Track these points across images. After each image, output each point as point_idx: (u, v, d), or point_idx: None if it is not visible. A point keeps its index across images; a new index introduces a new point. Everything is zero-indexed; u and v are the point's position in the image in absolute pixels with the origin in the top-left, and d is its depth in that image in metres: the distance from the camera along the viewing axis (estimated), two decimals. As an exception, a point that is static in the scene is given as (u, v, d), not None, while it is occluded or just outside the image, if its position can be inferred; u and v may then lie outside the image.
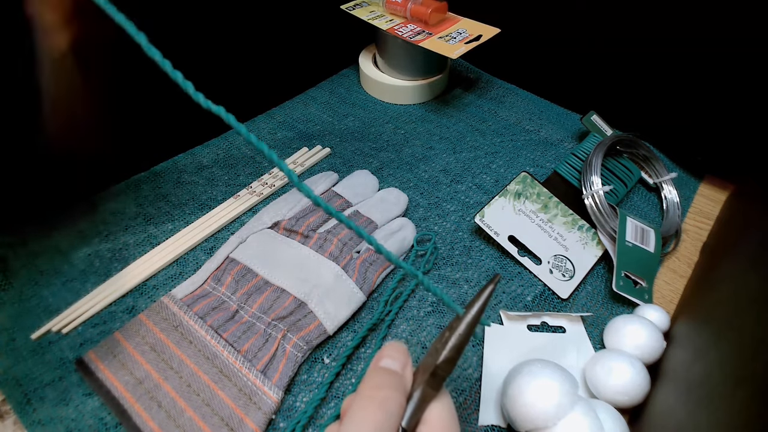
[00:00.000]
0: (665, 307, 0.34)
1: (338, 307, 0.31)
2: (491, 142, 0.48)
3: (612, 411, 0.26)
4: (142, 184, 0.42)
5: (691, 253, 0.38)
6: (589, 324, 0.33)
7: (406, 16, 0.50)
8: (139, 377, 0.28)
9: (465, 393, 0.29)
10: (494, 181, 0.43)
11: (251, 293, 0.32)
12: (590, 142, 0.43)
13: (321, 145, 0.46)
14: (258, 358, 0.29)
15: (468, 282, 0.35)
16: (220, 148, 0.46)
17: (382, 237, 0.36)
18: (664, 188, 0.42)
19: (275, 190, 0.41)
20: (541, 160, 0.46)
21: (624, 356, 0.28)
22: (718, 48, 0.38)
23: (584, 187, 0.39)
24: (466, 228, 0.39)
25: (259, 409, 0.27)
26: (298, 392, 0.29)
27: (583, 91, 0.49)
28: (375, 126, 0.49)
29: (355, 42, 0.57)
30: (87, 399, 0.28)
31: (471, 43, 0.46)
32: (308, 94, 0.54)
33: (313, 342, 0.30)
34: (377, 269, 0.34)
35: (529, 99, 0.54)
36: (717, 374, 0.23)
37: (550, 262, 0.36)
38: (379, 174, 0.43)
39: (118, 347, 0.29)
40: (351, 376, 0.30)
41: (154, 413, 0.26)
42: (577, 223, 0.38)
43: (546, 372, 0.26)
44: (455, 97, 0.54)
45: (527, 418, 0.25)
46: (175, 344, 0.29)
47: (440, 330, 0.32)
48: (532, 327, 0.32)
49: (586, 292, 0.35)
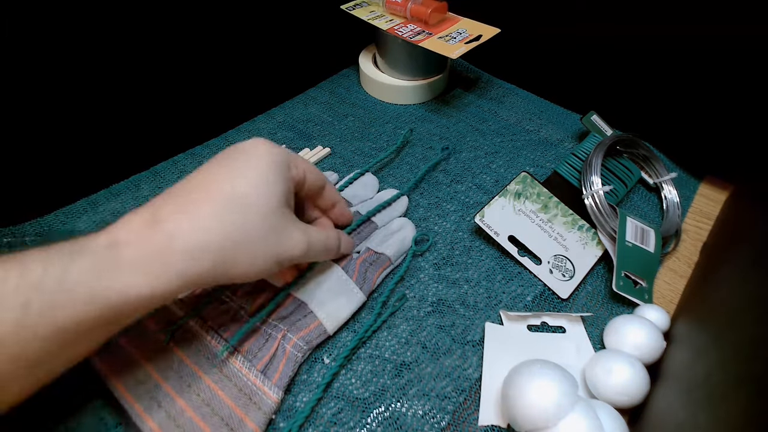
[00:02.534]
0: (665, 307, 0.34)
1: (338, 307, 0.31)
2: (491, 142, 0.48)
3: (612, 411, 0.26)
4: (143, 183, 0.42)
5: (691, 253, 0.38)
6: (589, 324, 0.33)
7: (406, 16, 0.50)
8: (139, 377, 0.27)
9: (465, 393, 0.29)
10: (494, 181, 0.43)
11: (251, 293, 0.32)
12: (590, 142, 0.43)
13: (321, 145, 0.46)
14: (258, 358, 0.28)
15: (468, 282, 0.35)
16: (221, 148, 0.46)
17: (382, 237, 0.36)
18: (664, 188, 0.42)
19: (275, 190, 0.41)
20: (541, 160, 0.46)
21: (624, 356, 0.28)
22: (718, 48, 0.38)
23: (584, 187, 0.39)
24: (466, 228, 0.39)
25: (259, 408, 0.27)
26: (298, 392, 0.29)
27: (583, 91, 0.49)
28: (375, 126, 0.49)
29: (355, 42, 0.57)
30: (87, 399, 0.28)
31: (471, 43, 0.46)
32: (308, 94, 0.54)
33: (313, 342, 0.30)
34: (377, 269, 0.34)
35: (529, 99, 0.54)
36: (717, 374, 0.23)
37: (550, 262, 0.36)
38: (379, 174, 0.43)
39: (119, 347, 0.29)
40: (351, 376, 0.30)
41: (154, 413, 0.26)
42: (577, 223, 0.38)
43: (546, 372, 0.26)
44: (455, 97, 0.54)
45: (527, 419, 0.25)
46: (176, 344, 0.29)
47: (440, 330, 0.32)
48: (532, 327, 0.32)
49: (586, 292, 0.35)
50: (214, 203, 0.24)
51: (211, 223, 0.23)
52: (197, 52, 0.44)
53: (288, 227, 0.26)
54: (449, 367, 0.30)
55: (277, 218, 0.25)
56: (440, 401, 0.29)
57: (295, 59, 0.53)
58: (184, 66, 0.44)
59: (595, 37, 0.46)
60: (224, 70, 0.47)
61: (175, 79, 0.43)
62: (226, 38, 0.46)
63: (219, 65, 0.47)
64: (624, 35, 0.43)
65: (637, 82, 0.44)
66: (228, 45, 0.46)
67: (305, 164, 0.30)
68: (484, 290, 0.35)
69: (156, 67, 0.42)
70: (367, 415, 0.28)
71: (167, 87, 0.43)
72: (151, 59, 0.41)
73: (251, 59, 0.49)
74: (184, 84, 0.44)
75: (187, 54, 0.43)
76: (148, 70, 0.41)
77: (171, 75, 0.43)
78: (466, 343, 0.32)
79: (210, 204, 0.23)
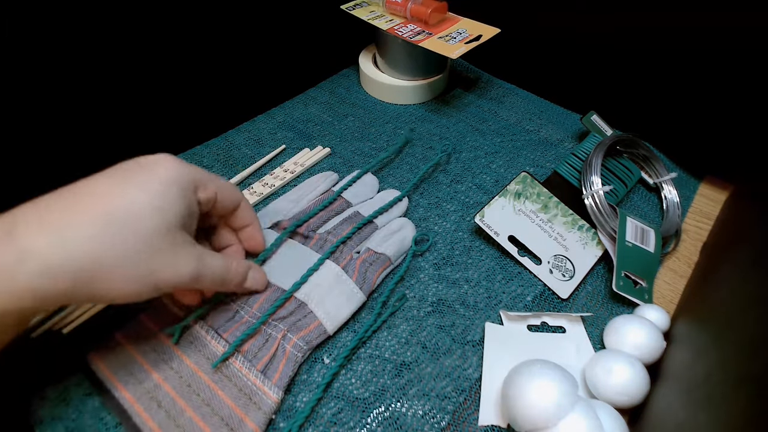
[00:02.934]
0: (665, 307, 0.34)
1: (338, 307, 0.31)
2: (491, 142, 0.48)
3: (612, 411, 0.26)
4: (142, 184, 0.42)
5: (691, 253, 0.38)
6: (589, 324, 0.33)
7: (406, 16, 0.50)
8: (139, 377, 0.27)
9: (465, 393, 0.29)
10: (494, 181, 0.43)
11: (251, 293, 0.32)
12: (590, 142, 0.43)
13: (321, 145, 0.46)
14: (258, 358, 0.28)
15: (468, 282, 0.35)
16: (221, 148, 0.46)
17: (382, 237, 0.36)
18: (664, 188, 0.42)
19: (275, 190, 0.41)
20: (541, 160, 0.46)
21: (624, 356, 0.28)
22: (719, 48, 0.38)
23: (584, 187, 0.39)
24: (466, 228, 0.39)
25: (259, 408, 0.27)
26: (298, 392, 0.29)
27: (583, 91, 0.49)
28: (375, 126, 0.49)
29: (355, 42, 0.57)
30: (87, 399, 0.28)
31: (471, 43, 0.46)
32: (308, 94, 0.54)
33: (313, 342, 0.30)
34: (377, 269, 0.34)
35: (529, 99, 0.54)
36: (717, 374, 0.23)
37: (550, 262, 0.36)
38: (379, 174, 0.43)
39: (119, 347, 0.29)
40: (351, 376, 0.30)
41: (153, 413, 0.26)
42: (577, 223, 0.38)
43: (546, 372, 0.26)
44: (455, 97, 0.54)
45: (527, 419, 0.25)
46: (175, 344, 0.29)
47: (440, 330, 0.32)
48: (532, 327, 0.32)
49: (586, 292, 0.35)
50: (83, 219, 0.22)
51: (77, 241, 0.21)
52: (197, 52, 0.44)
53: (176, 251, 0.24)
54: (449, 367, 0.30)
55: (163, 242, 0.23)
56: (440, 401, 0.29)
57: (295, 59, 0.53)
58: (185, 66, 0.44)
59: (595, 37, 0.46)
60: (224, 70, 0.47)
61: (175, 79, 0.43)
62: (227, 38, 0.46)
63: (219, 65, 0.47)
64: (624, 35, 0.43)
65: (637, 82, 0.44)
66: (228, 45, 0.46)
67: (217, 183, 0.28)
68: (484, 290, 0.35)
69: (156, 67, 0.42)
70: (367, 415, 0.28)
71: (167, 87, 0.43)
72: (152, 59, 0.41)
73: (251, 59, 0.49)
74: (184, 84, 0.44)
75: (188, 54, 0.43)
76: (148, 70, 0.41)
77: (171, 75, 0.43)
78: (466, 343, 0.32)
79: (82, 219, 0.22)
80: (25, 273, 0.20)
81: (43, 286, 0.21)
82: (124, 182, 0.24)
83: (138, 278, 0.23)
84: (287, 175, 0.42)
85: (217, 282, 0.28)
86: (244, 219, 0.32)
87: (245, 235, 0.32)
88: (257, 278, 0.31)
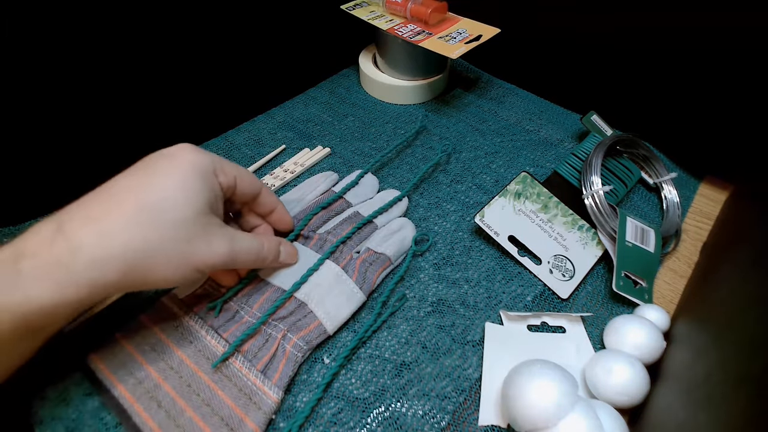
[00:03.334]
0: (665, 307, 0.34)
1: (338, 307, 0.31)
2: (491, 142, 0.48)
3: (612, 411, 0.26)
4: (142, 184, 0.42)
5: (691, 253, 0.38)
6: (589, 324, 0.33)
7: (406, 16, 0.50)
8: (139, 377, 0.27)
9: (465, 393, 0.29)
10: (494, 181, 0.43)
11: (251, 294, 0.32)
12: (590, 142, 0.43)
13: (321, 145, 0.46)
14: (258, 358, 0.28)
15: (468, 282, 0.35)
16: (221, 148, 0.46)
17: (382, 237, 0.36)
18: (664, 188, 0.42)
19: (275, 190, 0.41)
20: (541, 160, 0.46)
21: (624, 356, 0.28)
22: (719, 48, 0.38)
23: (584, 187, 0.39)
24: (466, 228, 0.39)
25: (259, 408, 0.27)
26: (298, 392, 0.29)
27: (583, 91, 0.49)
28: (375, 126, 0.49)
29: (355, 42, 0.57)
30: (87, 399, 0.28)
31: (471, 43, 0.46)
32: (308, 94, 0.54)
33: (313, 342, 0.30)
34: (377, 269, 0.34)
35: (529, 99, 0.54)
36: (717, 374, 0.23)
37: (550, 262, 0.36)
38: (379, 174, 0.43)
39: (119, 347, 0.29)
40: (351, 376, 0.30)
41: (153, 413, 0.26)
42: (577, 223, 0.38)
43: (546, 372, 0.26)
44: (455, 97, 0.54)
45: (527, 419, 0.25)
46: (175, 344, 0.29)
47: (440, 330, 0.32)
48: (532, 327, 0.32)
49: (586, 292, 0.35)
50: (124, 212, 0.23)
51: (117, 233, 0.23)
52: (197, 53, 0.44)
53: (208, 233, 0.26)
54: (449, 367, 0.30)
55: (195, 226, 0.25)
56: (440, 401, 0.29)
57: (295, 59, 0.53)
58: (185, 66, 0.44)
59: (595, 37, 0.46)
60: (224, 70, 0.47)
61: (175, 79, 0.43)
62: (227, 38, 0.46)
63: (219, 65, 0.47)
64: (624, 35, 0.43)
65: (637, 82, 0.44)
66: (228, 45, 0.46)
67: (236, 170, 0.29)
68: (484, 290, 0.35)
69: (156, 67, 0.42)
70: (367, 415, 0.28)
71: (167, 87, 0.43)
72: (152, 59, 0.41)
73: (251, 59, 0.49)
74: (184, 84, 0.44)
75: (188, 54, 0.43)
76: (149, 70, 0.41)
77: (171, 75, 0.43)
78: (466, 343, 0.32)
79: (119, 213, 0.23)
80: (79, 264, 0.22)
81: (96, 278, 0.22)
82: (152, 174, 0.25)
83: (178, 262, 0.25)
84: (287, 175, 0.42)
85: (251, 259, 0.29)
86: (267, 204, 0.33)
87: (274, 218, 0.34)
88: (290, 252, 0.33)
